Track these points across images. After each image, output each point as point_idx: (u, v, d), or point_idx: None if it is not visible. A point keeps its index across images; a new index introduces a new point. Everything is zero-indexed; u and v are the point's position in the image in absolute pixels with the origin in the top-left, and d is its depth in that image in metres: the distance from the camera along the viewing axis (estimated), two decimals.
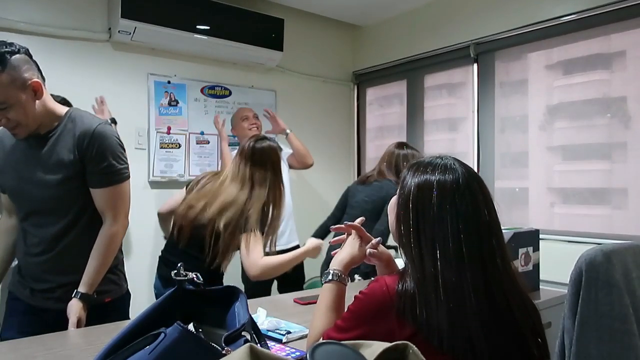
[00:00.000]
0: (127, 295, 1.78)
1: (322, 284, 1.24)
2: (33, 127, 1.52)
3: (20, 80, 1.44)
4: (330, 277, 1.21)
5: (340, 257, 1.25)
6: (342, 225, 1.32)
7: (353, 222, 1.33)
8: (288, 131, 3.25)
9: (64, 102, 2.04)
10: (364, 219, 1.35)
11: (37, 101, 1.50)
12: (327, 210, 3.04)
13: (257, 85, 3.68)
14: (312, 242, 2.01)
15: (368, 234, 1.31)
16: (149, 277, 2.85)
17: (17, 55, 1.44)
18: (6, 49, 1.42)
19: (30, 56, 1.50)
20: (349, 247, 1.27)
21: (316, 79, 4.03)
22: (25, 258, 1.64)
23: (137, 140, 3.15)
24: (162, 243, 3.22)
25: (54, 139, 1.56)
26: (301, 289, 3.11)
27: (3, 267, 1.73)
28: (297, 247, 3.18)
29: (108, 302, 1.67)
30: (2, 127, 1.60)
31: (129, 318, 1.70)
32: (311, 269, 3.78)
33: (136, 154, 3.14)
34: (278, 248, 2.99)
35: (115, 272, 1.71)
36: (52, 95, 1.62)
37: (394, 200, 1.14)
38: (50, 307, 1.60)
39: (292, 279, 3.11)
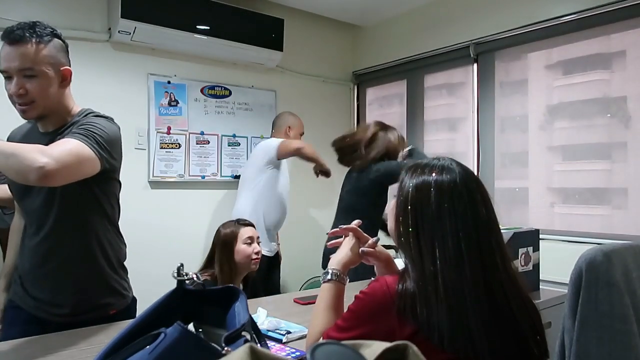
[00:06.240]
0: (133, 303, 1.70)
1: (321, 284, 1.24)
2: (43, 112, 1.46)
3: (55, 59, 1.44)
4: (329, 276, 1.22)
5: (338, 257, 1.26)
6: (339, 229, 1.33)
7: None
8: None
9: None
10: (360, 222, 1.33)
11: (59, 89, 1.48)
12: (327, 211, 3.04)
13: (257, 85, 3.68)
14: None
15: (366, 235, 1.31)
16: (150, 277, 2.85)
17: (61, 41, 1.48)
18: (56, 32, 1.47)
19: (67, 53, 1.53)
20: (346, 247, 1.28)
21: (316, 79, 4.03)
22: None
23: (137, 140, 3.15)
24: (164, 243, 3.25)
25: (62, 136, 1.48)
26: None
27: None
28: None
29: (114, 314, 1.59)
30: (22, 129, 1.60)
31: None
32: (311, 269, 3.78)
33: (136, 154, 3.14)
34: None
35: (120, 281, 1.62)
36: None
37: (392, 202, 1.15)
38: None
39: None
